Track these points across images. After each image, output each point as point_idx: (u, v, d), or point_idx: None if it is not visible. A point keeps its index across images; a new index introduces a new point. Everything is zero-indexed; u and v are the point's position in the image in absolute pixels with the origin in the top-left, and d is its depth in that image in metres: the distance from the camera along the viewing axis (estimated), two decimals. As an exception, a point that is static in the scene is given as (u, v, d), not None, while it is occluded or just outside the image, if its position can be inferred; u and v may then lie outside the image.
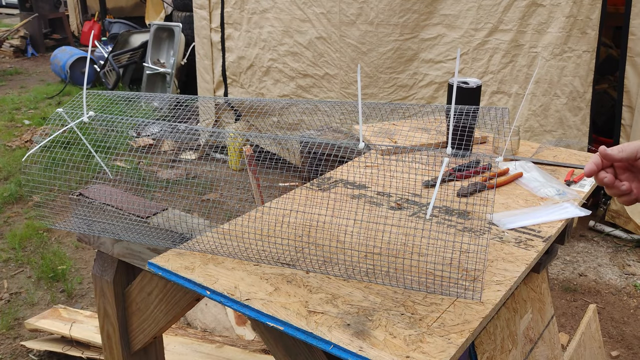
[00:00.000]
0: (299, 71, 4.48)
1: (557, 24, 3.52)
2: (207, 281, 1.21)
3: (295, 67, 4.48)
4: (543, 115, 3.71)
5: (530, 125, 3.75)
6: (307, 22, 4.31)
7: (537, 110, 3.71)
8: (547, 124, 3.71)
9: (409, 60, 4.01)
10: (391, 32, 3.96)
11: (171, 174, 4.59)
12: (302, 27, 4.35)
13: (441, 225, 1.45)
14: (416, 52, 3.97)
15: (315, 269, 1.25)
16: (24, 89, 7.40)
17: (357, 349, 1.01)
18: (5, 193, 4.29)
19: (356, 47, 4.12)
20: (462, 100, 1.85)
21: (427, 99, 4.02)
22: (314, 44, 4.32)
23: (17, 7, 10.05)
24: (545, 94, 3.66)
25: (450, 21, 3.80)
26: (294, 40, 4.42)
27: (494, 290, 1.19)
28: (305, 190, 1.65)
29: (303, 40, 4.37)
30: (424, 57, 3.95)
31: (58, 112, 1.38)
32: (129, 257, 1.54)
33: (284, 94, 4.63)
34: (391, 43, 3.99)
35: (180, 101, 1.60)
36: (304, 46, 4.38)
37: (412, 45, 3.96)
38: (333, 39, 4.22)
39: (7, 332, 2.81)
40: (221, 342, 2.55)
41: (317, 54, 4.34)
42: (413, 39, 3.94)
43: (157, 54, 6.48)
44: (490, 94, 3.82)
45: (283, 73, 4.59)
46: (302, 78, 4.49)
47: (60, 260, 3.42)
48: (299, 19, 4.34)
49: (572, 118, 3.63)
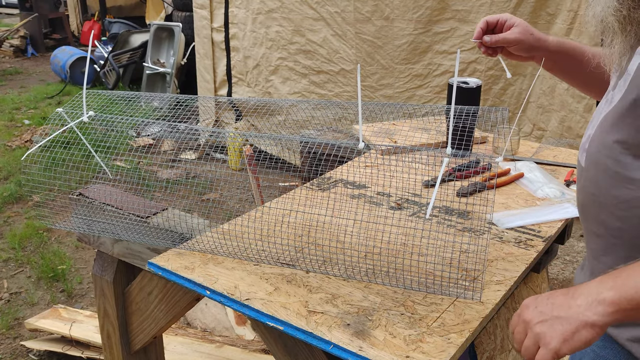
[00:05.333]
0: (312, 68, 4.53)
1: (561, 17, 3.61)
2: (207, 281, 1.21)
3: (308, 64, 4.53)
4: (550, 95, 3.84)
5: (541, 103, 3.87)
6: (321, 21, 4.35)
7: (546, 90, 3.84)
8: (554, 104, 3.83)
9: (423, 52, 4.13)
10: (406, 26, 4.08)
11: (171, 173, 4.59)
12: (315, 25, 4.40)
13: (441, 225, 1.45)
14: (430, 44, 4.09)
15: (315, 268, 1.25)
16: (24, 89, 7.40)
17: (357, 348, 1.01)
18: (5, 193, 4.29)
19: (372, 42, 4.21)
20: (462, 100, 1.85)
21: (441, 87, 4.11)
22: (328, 42, 4.38)
23: (17, 7, 10.05)
24: (551, 76, 3.77)
25: (463, 16, 3.91)
26: (306, 39, 4.46)
27: (494, 290, 1.19)
28: (305, 190, 1.65)
29: (317, 39, 4.42)
30: (437, 49, 4.09)
31: (58, 112, 1.38)
32: (129, 257, 1.54)
33: (294, 92, 4.66)
34: (406, 37, 4.11)
35: (180, 101, 1.60)
36: (317, 44, 4.44)
37: (426, 39, 4.09)
38: (348, 36, 4.28)
39: (7, 332, 2.81)
40: (221, 342, 2.55)
41: (332, 51, 4.41)
42: (427, 33, 4.07)
43: (157, 54, 6.48)
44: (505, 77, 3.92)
45: (294, 71, 4.62)
46: (315, 75, 4.54)
47: (60, 260, 3.42)
48: (312, 18, 4.39)
49: (575, 104, 3.69)
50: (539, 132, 3.91)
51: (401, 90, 4.19)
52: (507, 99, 3.96)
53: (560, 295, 0.87)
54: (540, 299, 0.89)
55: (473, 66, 3.95)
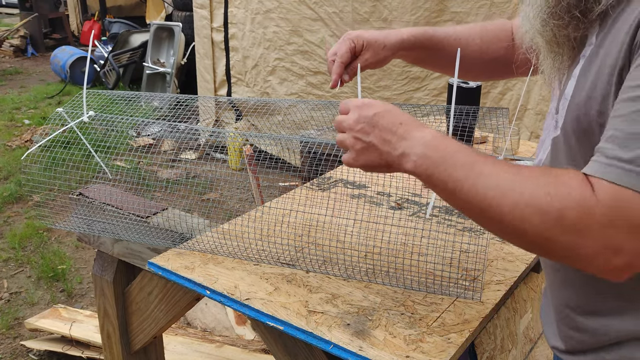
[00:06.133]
0: (310, 69, 4.52)
1: None
2: (207, 281, 1.21)
3: (306, 65, 4.52)
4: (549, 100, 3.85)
5: (540, 109, 3.87)
6: (319, 21, 4.34)
7: (546, 96, 3.85)
8: None
9: None
10: (404, 27, 4.05)
11: (171, 173, 4.59)
12: (313, 26, 4.39)
13: (441, 225, 1.45)
14: None
15: (315, 268, 1.25)
16: (24, 89, 7.39)
17: (357, 348, 1.01)
18: (5, 193, 4.29)
19: None
20: (462, 100, 1.85)
21: (439, 89, 4.08)
22: (326, 42, 4.38)
23: (17, 6, 10.04)
24: None
25: (462, 17, 3.90)
26: (304, 40, 4.46)
27: (494, 290, 1.19)
28: (305, 190, 1.65)
29: (315, 39, 4.41)
30: None
31: (58, 112, 1.38)
32: (129, 257, 1.54)
33: (292, 93, 4.66)
34: None
35: (180, 101, 1.60)
36: (315, 44, 4.43)
37: None
38: None
39: (7, 331, 2.81)
40: (221, 341, 2.55)
41: None
42: None
43: (157, 54, 6.48)
44: (505, 81, 3.90)
45: (291, 72, 4.62)
46: (312, 75, 4.53)
47: (60, 260, 3.42)
48: (310, 19, 4.38)
49: None
50: (537, 139, 3.91)
51: (399, 93, 4.18)
52: (506, 103, 3.96)
53: (388, 129, 0.91)
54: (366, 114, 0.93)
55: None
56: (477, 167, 0.80)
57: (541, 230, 0.73)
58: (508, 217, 0.76)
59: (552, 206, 0.72)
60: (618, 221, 0.69)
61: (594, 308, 0.87)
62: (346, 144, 0.95)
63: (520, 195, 0.75)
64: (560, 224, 0.71)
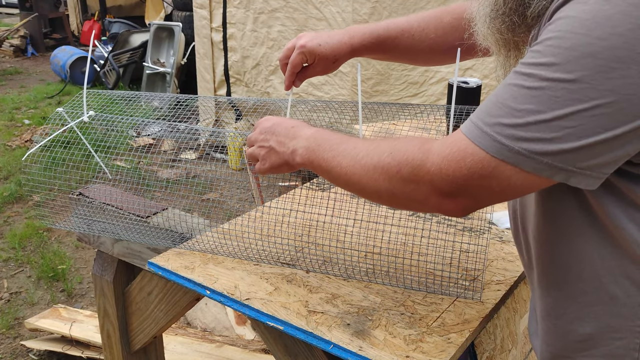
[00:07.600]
0: None
1: None
2: (207, 281, 1.21)
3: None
4: None
5: None
6: (324, 21, 4.34)
7: None
8: None
9: None
10: None
11: (171, 173, 4.59)
12: (318, 25, 4.38)
13: (441, 225, 1.45)
14: None
15: (315, 268, 1.25)
16: (24, 89, 7.39)
17: (357, 348, 1.01)
18: (5, 193, 4.29)
19: None
20: (462, 100, 1.84)
21: (437, 95, 4.05)
22: None
23: (17, 6, 10.04)
24: None
25: None
26: None
27: (494, 290, 1.19)
28: (305, 190, 1.65)
29: None
30: None
31: (58, 112, 1.38)
32: (129, 257, 1.54)
33: (292, 93, 4.65)
34: None
35: (180, 101, 1.60)
36: None
37: None
38: None
39: (7, 331, 2.81)
40: (221, 341, 2.55)
41: None
42: None
43: (157, 54, 6.48)
44: None
45: None
46: None
47: (60, 260, 3.42)
48: (315, 18, 4.37)
49: None
50: None
51: (396, 98, 4.14)
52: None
53: (283, 134, 1.05)
54: (265, 126, 1.08)
55: (469, 73, 3.93)
56: (342, 146, 0.93)
57: (387, 186, 0.85)
58: (364, 180, 0.88)
59: (391, 165, 0.84)
60: (447, 170, 0.77)
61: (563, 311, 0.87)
62: (254, 154, 1.09)
63: (370, 160, 0.87)
64: (398, 178, 0.84)
